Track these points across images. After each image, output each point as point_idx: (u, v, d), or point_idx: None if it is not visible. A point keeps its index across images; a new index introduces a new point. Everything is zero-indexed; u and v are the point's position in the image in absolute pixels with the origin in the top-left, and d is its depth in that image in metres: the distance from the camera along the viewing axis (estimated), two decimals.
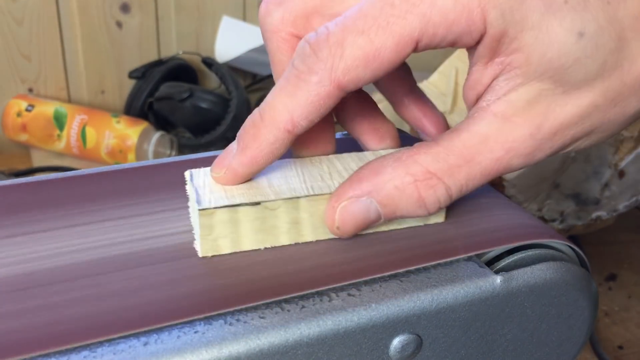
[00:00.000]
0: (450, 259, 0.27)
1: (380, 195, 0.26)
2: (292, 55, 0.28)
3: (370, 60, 0.24)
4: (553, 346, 0.29)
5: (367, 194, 0.26)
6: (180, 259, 0.26)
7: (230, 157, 0.27)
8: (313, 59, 0.25)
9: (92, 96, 0.95)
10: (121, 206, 0.29)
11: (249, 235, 0.26)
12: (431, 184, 0.26)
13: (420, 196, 0.26)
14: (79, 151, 0.85)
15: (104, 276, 0.24)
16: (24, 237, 0.27)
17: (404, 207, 0.26)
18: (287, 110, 0.25)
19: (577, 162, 0.59)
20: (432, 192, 0.26)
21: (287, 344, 0.23)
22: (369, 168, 0.26)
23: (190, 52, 0.97)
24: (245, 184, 0.27)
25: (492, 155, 0.26)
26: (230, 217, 0.25)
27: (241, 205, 0.25)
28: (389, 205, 0.26)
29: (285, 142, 0.26)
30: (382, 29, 0.24)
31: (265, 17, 0.29)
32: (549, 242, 0.28)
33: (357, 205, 0.26)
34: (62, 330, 0.22)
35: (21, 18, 0.88)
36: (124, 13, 0.92)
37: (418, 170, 0.26)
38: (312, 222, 0.27)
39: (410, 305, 0.25)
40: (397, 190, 0.26)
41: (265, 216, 0.26)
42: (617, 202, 0.62)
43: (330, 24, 0.25)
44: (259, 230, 0.26)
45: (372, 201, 0.26)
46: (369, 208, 0.26)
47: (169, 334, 0.22)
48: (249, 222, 0.26)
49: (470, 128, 0.26)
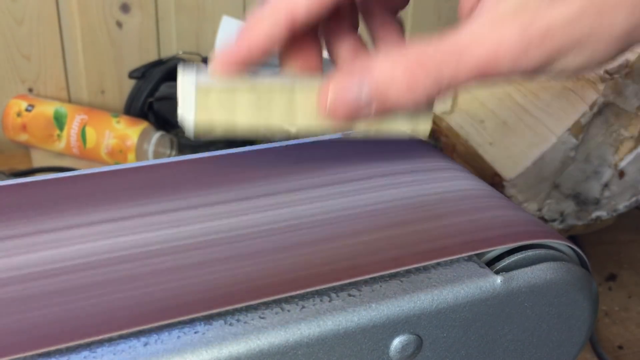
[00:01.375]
0: (451, 259, 0.27)
1: (372, 79, 0.27)
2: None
3: None
4: (553, 346, 0.29)
5: (359, 78, 0.27)
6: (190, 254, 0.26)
7: (229, 47, 0.29)
8: None
9: (92, 96, 0.95)
10: (121, 206, 0.29)
11: (245, 111, 0.27)
12: (419, 71, 0.26)
13: (409, 82, 0.27)
14: (79, 151, 0.85)
15: (107, 275, 0.24)
16: (24, 237, 0.27)
17: (394, 93, 0.27)
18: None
19: (577, 162, 0.59)
20: (421, 79, 0.27)
21: (287, 344, 0.23)
22: (362, 59, 0.28)
23: (190, 52, 0.97)
24: None
25: (480, 49, 0.26)
26: (227, 96, 0.27)
27: (238, 87, 0.27)
28: (380, 90, 0.27)
29: (281, 26, 0.27)
30: None
31: None
32: (549, 242, 0.28)
33: (349, 86, 0.27)
34: (63, 330, 0.22)
35: (21, 18, 0.88)
36: (124, 13, 0.92)
37: (408, 59, 0.27)
38: (305, 106, 0.28)
39: (411, 305, 0.25)
40: (387, 76, 0.27)
41: (260, 96, 0.27)
42: (617, 202, 0.62)
43: None
44: (255, 106, 0.27)
45: (364, 85, 0.27)
46: (360, 90, 0.27)
47: (169, 334, 0.22)
48: (245, 100, 0.27)
49: (461, 28, 0.27)
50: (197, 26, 0.97)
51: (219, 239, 0.27)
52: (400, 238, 0.28)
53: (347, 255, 0.26)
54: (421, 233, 0.28)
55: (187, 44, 0.98)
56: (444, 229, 0.28)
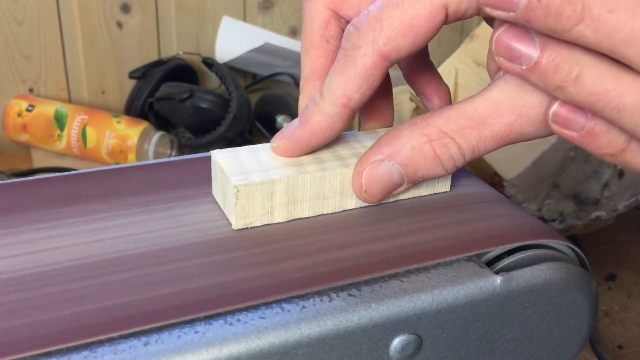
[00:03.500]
0: (451, 259, 0.27)
1: (400, 156, 0.28)
2: (323, 26, 0.31)
3: (407, 29, 0.26)
4: (553, 346, 0.29)
5: (388, 157, 0.28)
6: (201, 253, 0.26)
7: (291, 129, 0.29)
8: (356, 35, 0.27)
9: (93, 96, 0.95)
10: (123, 206, 0.29)
11: (280, 207, 0.28)
12: (444, 143, 0.27)
13: (435, 154, 0.27)
14: (80, 151, 0.85)
15: (110, 275, 0.24)
16: (24, 237, 0.27)
17: (422, 166, 0.28)
18: (341, 86, 0.28)
19: (577, 162, 0.59)
20: (446, 150, 0.27)
21: (287, 344, 0.23)
22: (387, 135, 0.28)
23: (191, 52, 0.97)
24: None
25: (502, 119, 0.26)
26: (262, 190, 0.27)
27: (260, 180, 0.27)
28: (409, 165, 0.28)
29: (342, 116, 0.28)
30: (415, 0, 0.26)
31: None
32: (549, 242, 0.28)
33: (381, 168, 0.28)
34: (63, 329, 0.22)
35: (22, 18, 0.88)
36: (124, 13, 0.93)
37: (432, 131, 0.27)
38: (339, 192, 0.29)
39: (411, 305, 0.25)
40: (414, 151, 0.27)
41: (295, 188, 0.28)
42: (616, 202, 0.62)
43: (370, 6, 0.27)
44: (290, 201, 0.28)
45: (393, 164, 0.28)
46: (391, 170, 0.28)
47: (170, 334, 0.22)
48: (280, 194, 0.28)
49: (483, 94, 0.27)
50: (197, 26, 0.97)
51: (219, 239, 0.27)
52: (400, 238, 0.28)
53: (347, 255, 0.27)
54: (421, 233, 0.28)
55: (187, 44, 0.98)
56: (444, 229, 0.28)
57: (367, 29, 0.27)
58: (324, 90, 0.28)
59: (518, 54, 0.24)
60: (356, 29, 0.27)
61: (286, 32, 1.02)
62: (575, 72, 0.24)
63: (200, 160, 0.33)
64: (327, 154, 0.30)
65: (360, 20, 0.27)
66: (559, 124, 0.26)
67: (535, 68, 0.24)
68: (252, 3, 0.99)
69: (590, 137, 0.25)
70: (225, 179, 0.28)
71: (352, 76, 0.28)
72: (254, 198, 0.27)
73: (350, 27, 0.28)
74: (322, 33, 0.31)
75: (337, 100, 0.28)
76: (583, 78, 0.24)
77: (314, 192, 0.28)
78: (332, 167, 0.29)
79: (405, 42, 0.27)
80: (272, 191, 0.27)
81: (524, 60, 0.24)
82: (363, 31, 0.27)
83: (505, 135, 0.27)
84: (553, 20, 0.23)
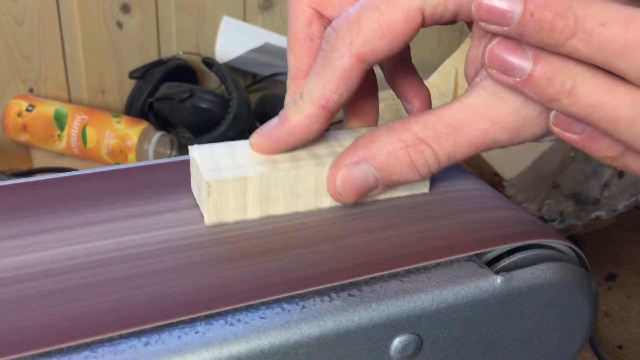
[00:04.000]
0: (451, 259, 0.27)
1: (376, 160, 0.28)
2: (306, 25, 0.31)
3: (384, 32, 0.27)
4: (553, 346, 0.29)
5: (364, 160, 0.28)
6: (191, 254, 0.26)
7: (270, 127, 0.29)
8: (334, 37, 0.28)
9: (93, 96, 0.95)
10: (123, 206, 0.29)
11: (253, 204, 0.28)
12: (420, 149, 0.27)
13: (411, 160, 0.27)
14: (80, 151, 0.85)
15: (108, 275, 0.25)
16: (24, 236, 0.27)
17: (398, 172, 0.28)
18: (319, 87, 0.28)
19: (577, 162, 0.59)
20: (422, 157, 0.27)
21: (287, 344, 0.23)
22: (365, 137, 0.28)
23: (191, 52, 0.97)
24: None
25: (478, 126, 0.27)
26: (235, 186, 0.27)
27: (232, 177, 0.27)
28: (385, 169, 0.28)
29: (320, 117, 0.29)
30: (392, 3, 0.27)
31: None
32: (549, 242, 0.28)
33: (356, 171, 0.28)
34: (63, 329, 0.22)
35: (22, 18, 0.88)
36: (124, 13, 0.92)
37: (408, 136, 0.27)
38: (314, 191, 0.29)
39: (411, 305, 0.25)
40: (390, 156, 0.28)
41: (269, 185, 0.28)
42: (616, 202, 0.62)
43: (349, 8, 0.28)
44: (263, 198, 0.28)
45: (369, 167, 0.28)
46: (366, 173, 0.28)
47: (170, 334, 0.22)
48: (252, 191, 0.28)
49: (461, 100, 0.27)
50: (197, 26, 0.97)
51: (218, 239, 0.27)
52: (400, 238, 0.28)
53: (348, 255, 0.27)
54: (421, 233, 0.28)
55: (187, 44, 0.98)
56: (444, 229, 0.28)
57: (345, 31, 0.27)
58: (303, 91, 0.29)
59: (511, 67, 0.24)
60: (334, 31, 0.28)
61: (286, 32, 1.02)
62: (568, 85, 0.24)
63: None
64: (303, 151, 0.30)
65: (339, 22, 0.28)
66: (560, 126, 0.26)
67: (529, 80, 0.24)
68: (252, 3, 0.99)
69: (591, 140, 0.25)
70: (200, 174, 0.28)
71: (330, 78, 0.28)
72: (226, 194, 0.27)
73: (329, 29, 0.28)
74: (305, 32, 0.31)
75: (316, 101, 0.28)
76: (577, 90, 0.24)
77: (288, 190, 0.28)
78: (306, 166, 0.29)
79: (382, 44, 0.27)
80: (244, 188, 0.28)
81: (517, 72, 0.24)
82: (341, 33, 0.27)
83: (480, 142, 0.27)
84: (546, 34, 0.23)
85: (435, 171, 0.28)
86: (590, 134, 0.25)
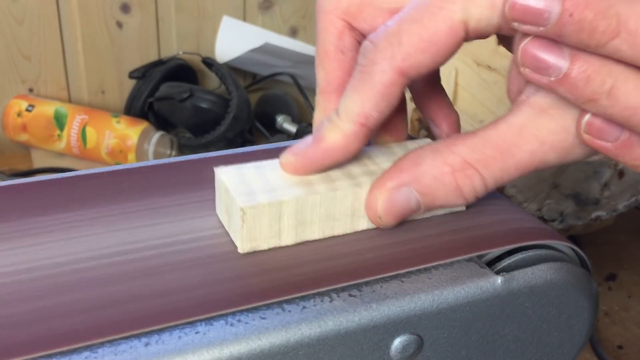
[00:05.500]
0: (451, 260, 0.27)
1: (420, 185, 0.26)
2: (337, 37, 0.30)
3: (427, 45, 0.25)
4: (553, 346, 0.29)
5: (407, 184, 0.27)
6: (206, 260, 0.26)
7: (303, 146, 0.28)
8: (373, 51, 0.26)
9: (93, 96, 0.95)
10: (123, 206, 0.29)
11: (289, 230, 0.26)
12: (468, 174, 0.26)
13: (457, 186, 0.26)
14: (80, 151, 0.85)
15: (109, 275, 0.24)
16: (23, 237, 0.27)
17: (442, 197, 0.27)
18: (358, 104, 0.26)
19: (577, 162, 0.59)
20: (469, 182, 0.26)
21: (288, 344, 0.23)
22: (409, 159, 0.27)
23: (191, 52, 0.97)
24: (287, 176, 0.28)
25: (527, 147, 0.25)
26: (270, 212, 0.26)
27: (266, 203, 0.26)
28: (428, 194, 0.27)
29: (359, 135, 0.27)
30: (434, 15, 0.25)
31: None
32: (549, 242, 0.28)
33: (399, 195, 0.27)
34: (64, 331, 0.22)
35: (21, 18, 0.88)
36: (124, 13, 0.92)
37: (455, 160, 0.26)
38: (350, 214, 0.27)
39: (411, 305, 0.25)
40: (435, 181, 0.26)
41: (305, 209, 0.26)
42: (616, 202, 0.62)
43: (388, 21, 0.26)
44: (299, 223, 0.27)
45: (412, 191, 0.27)
46: (409, 197, 0.27)
47: (170, 334, 0.22)
48: (288, 216, 0.26)
49: (507, 120, 0.26)
50: (197, 26, 0.97)
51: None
52: (400, 238, 0.28)
53: (348, 256, 0.27)
54: (421, 234, 0.28)
55: (187, 44, 0.98)
56: (444, 229, 0.28)
57: (385, 45, 0.26)
58: (340, 108, 0.27)
59: (546, 65, 0.23)
60: (373, 45, 0.26)
61: (286, 32, 1.02)
62: (608, 84, 0.23)
63: (201, 161, 0.33)
64: (336, 171, 0.28)
65: (378, 35, 0.26)
66: (592, 134, 0.24)
67: (565, 80, 0.23)
68: (252, 3, 0.99)
69: (625, 148, 0.24)
70: (231, 199, 0.26)
71: (369, 94, 0.26)
72: (261, 220, 0.26)
73: (367, 42, 0.27)
74: (336, 44, 0.30)
75: (355, 119, 0.27)
76: (617, 91, 0.23)
77: (324, 214, 0.27)
78: (343, 187, 0.27)
79: (425, 58, 0.25)
80: (280, 213, 0.26)
81: (552, 71, 0.23)
82: (380, 47, 0.26)
83: (528, 164, 0.26)
84: (587, 35, 0.22)
85: (482, 195, 0.27)
86: (625, 142, 0.24)
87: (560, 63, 0.23)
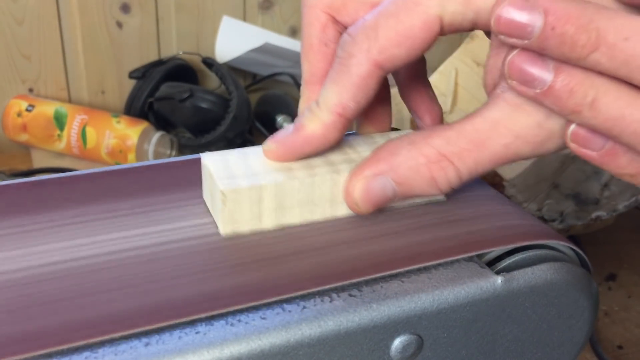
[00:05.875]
0: (451, 259, 0.27)
1: (396, 174, 0.27)
2: (321, 30, 0.31)
3: (402, 39, 0.26)
4: (553, 346, 0.29)
5: (384, 173, 0.27)
6: (200, 253, 0.26)
7: (285, 134, 0.29)
8: (351, 44, 0.27)
9: (93, 96, 0.95)
10: (123, 205, 0.29)
11: (269, 213, 0.27)
12: (442, 166, 0.27)
13: (432, 177, 0.27)
14: (79, 151, 0.85)
15: (109, 275, 0.25)
16: (23, 237, 0.27)
17: (417, 187, 0.27)
18: (336, 95, 0.28)
19: (577, 162, 0.59)
20: (444, 174, 0.27)
21: (288, 344, 0.23)
22: (386, 149, 0.28)
23: (191, 52, 0.97)
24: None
25: (501, 140, 0.26)
26: (250, 195, 0.27)
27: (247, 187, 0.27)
28: (404, 184, 0.27)
29: (337, 125, 0.28)
30: (410, 10, 0.26)
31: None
32: (549, 242, 0.28)
33: (375, 183, 0.27)
34: (64, 330, 0.22)
35: (21, 18, 0.88)
36: (124, 13, 0.93)
37: (431, 152, 0.27)
38: (329, 199, 0.28)
39: (411, 305, 0.25)
40: (411, 171, 0.27)
41: (284, 194, 0.27)
42: (616, 202, 0.62)
43: (366, 15, 0.27)
44: (278, 207, 0.28)
45: (388, 179, 0.27)
46: (385, 186, 0.27)
47: (170, 334, 0.22)
48: (268, 199, 0.27)
49: (483, 113, 0.27)
50: (197, 26, 0.97)
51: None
52: (400, 239, 0.28)
53: (348, 256, 0.27)
54: (421, 234, 0.28)
55: (187, 44, 0.98)
56: (444, 229, 0.28)
57: (362, 38, 0.27)
58: (319, 99, 0.28)
59: (531, 78, 0.24)
60: (351, 38, 0.27)
61: (286, 32, 1.02)
62: (590, 97, 0.23)
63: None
64: (317, 159, 0.29)
65: (356, 28, 0.27)
66: (577, 143, 0.25)
67: (550, 92, 0.24)
68: (252, 3, 0.99)
69: (610, 157, 0.25)
70: (213, 183, 0.27)
71: (346, 85, 0.27)
72: (241, 203, 0.27)
73: (345, 35, 0.28)
74: (320, 37, 0.31)
75: (333, 109, 0.28)
76: (599, 102, 0.23)
77: (304, 199, 0.28)
78: (322, 174, 0.28)
79: (400, 52, 0.26)
80: (260, 197, 0.27)
81: (537, 84, 0.24)
82: (358, 40, 0.27)
83: (502, 156, 0.26)
84: (568, 48, 0.22)
85: (456, 187, 0.27)
86: (610, 150, 0.25)
87: (545, 76, 0.24)
